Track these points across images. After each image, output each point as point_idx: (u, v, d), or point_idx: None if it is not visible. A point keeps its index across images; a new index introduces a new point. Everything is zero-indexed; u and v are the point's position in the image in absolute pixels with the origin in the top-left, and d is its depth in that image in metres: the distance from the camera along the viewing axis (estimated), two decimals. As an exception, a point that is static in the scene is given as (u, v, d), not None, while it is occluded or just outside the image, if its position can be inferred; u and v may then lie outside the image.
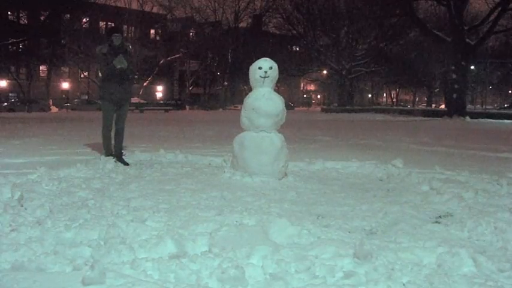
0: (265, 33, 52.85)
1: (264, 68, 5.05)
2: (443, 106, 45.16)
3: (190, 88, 56.91)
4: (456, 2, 26.21)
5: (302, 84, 71.06)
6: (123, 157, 6.31)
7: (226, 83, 56.55)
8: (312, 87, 74.75)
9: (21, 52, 30.27)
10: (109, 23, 50.05)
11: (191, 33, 55.36)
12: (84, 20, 37.92)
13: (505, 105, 50.08)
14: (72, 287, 2.13)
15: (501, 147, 9.35)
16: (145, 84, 49.42)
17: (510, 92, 62.15)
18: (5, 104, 38.93)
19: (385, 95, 72.64)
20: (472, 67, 36.91)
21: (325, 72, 49.27)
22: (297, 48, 50.61)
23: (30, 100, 38.32)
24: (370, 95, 71.89)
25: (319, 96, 79.06)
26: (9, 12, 28.07)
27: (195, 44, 52.18)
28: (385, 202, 4.05)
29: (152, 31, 53.30)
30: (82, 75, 48.01)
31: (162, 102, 46.87)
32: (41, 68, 45.12)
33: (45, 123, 17.70)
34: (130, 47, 6.29)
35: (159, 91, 56.24)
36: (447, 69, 30.05)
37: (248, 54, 44.03)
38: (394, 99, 62.30)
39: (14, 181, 4.46)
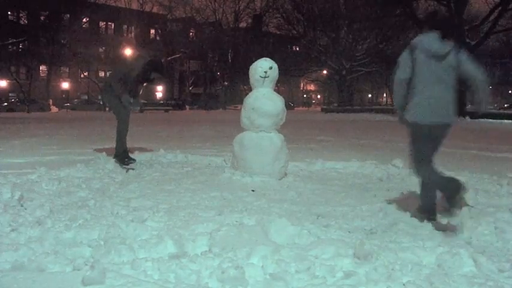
0: (265, 33, 52.80)
1: (264, 68, 5.05)
2: (443, 106, 45.04)
3: (190, 88, 56.89)
4: (456, 2, 26.21)
5: (302, 84, 71.02)
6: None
7: (226, 83, 56.53)
8: (312, 87, 74.70)
9: (21, 52, 30.28)
10: (109, 23, 50.09)
11: (191, 33, 55.34)
12: (84, 20, 37.90)
13: (505, 105, 50.05)
14: (72, 287, 2.13)
15: (501, 147, 9.35)
16: (145, 84, 49.33)
17: (510, 92, 62.12)
18: (5, 104, 38.93)
19: (385, 95, 72.58)
20: (472, 67, 36.86)
21: (325, 72, 49.25)
22: (297, 48, 50.54)
23: (30, 100, 38.29)
24: (370, 95, 71.85)
25: (319, 96, 79.04)
26: (9, 12, 28.05)
27: (195, 44, 52.17)
28: (385, 202, 4.05)
29: (152, 31, 53.28)
30: (82, 75, 47.99)
31: (162, 102, 46.83)
32: (41, 68, 45.09)
33: (45, 123, 17.70)
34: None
35: (159, 91, 56.22)
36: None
37: (248, 54, 43.97)
38: (394, 99, 62.24)
39: (14, 181, 4.46)
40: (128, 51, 41.58)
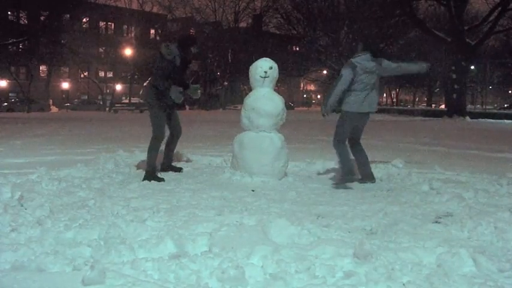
0: (265, 33, 52.79)
1: (264, 68, 5.05)
2: (443, 106, 45.11)
3: (190, 88, 56.80)
4: (456, 2, 26.20)
5: (302, 84, 71.03)
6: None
7: (226, 83, 56.51)
8: (312, 87, 74.67)
9: (21, 52, 30.24)
10: (109, 23, 50.02)
11: (191, 33, 55.32)
12: (84, 20, 37.87)
13: (505, 105, 50.03)
14: (72, 287, 2.13)
15: (501, 147, 9.35)
16: (145, 84, 49.31)
17: (510, 92, 62.11)
18: (5, 104, 38.92)
19: (385, 95, 72.61)
20: (472, 67, 36.87)
21: (325, 72, 49.24)
22: (297, 48, 50.53)
23: (30, 100, 38.31)
24: (370, 95, 71.77)
25: (319, 96, 79.03)
26: (9, 12, 28.04)
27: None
28: (385, 202, 4.05)
29: (152, 31, 53.28)
30: (82, 75, 47.99)
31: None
32: (41, 68, 45.08)
33: (45, 123, 17.69)
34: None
35: (159, 91, 56.15)
36: (447, 69, 30.05)
37: (248, 54, 43.95)
38: (394, 99, 62.26)
39: (14, 181, 4.47)
40: (128, 51, 41.59)
